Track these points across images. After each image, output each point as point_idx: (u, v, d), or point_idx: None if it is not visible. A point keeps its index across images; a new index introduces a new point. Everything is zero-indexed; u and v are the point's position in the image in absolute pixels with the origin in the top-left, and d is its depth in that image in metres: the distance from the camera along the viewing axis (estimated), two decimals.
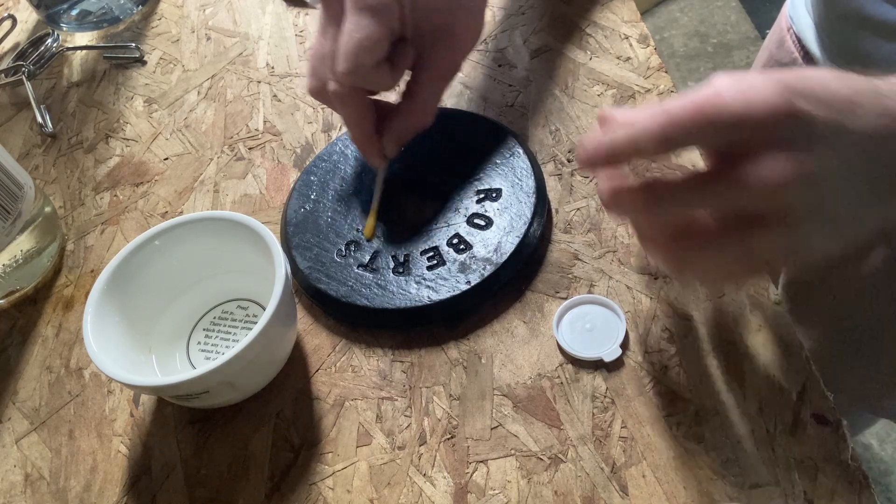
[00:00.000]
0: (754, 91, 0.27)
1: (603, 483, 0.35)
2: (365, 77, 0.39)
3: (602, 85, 0.51)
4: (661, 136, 0.28)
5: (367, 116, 0.42)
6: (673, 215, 0.31)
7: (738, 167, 0.28)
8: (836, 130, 0.28)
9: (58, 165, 0.56)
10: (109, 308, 0.39)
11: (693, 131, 0.28)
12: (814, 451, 0.34)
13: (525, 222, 0.42)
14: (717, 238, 0.30)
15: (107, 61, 0.63)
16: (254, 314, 0.43)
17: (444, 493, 0.36)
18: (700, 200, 0.30)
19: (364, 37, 0.38)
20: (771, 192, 0.28)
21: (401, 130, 0.43)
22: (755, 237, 0.29)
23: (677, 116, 0.28)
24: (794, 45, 0.60)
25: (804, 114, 0.27)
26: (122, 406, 0.42)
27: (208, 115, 0.56)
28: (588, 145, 0.31)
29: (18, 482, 0.40)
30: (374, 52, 0.38)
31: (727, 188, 0.29)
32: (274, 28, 0.62)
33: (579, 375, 0.38)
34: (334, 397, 0.40)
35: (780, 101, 0.27)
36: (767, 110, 0.27)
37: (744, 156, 0.28)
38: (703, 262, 0.31)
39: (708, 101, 0.27)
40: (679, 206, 0.30)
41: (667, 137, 0.28)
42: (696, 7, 1.97)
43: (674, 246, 0.31)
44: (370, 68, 0.39)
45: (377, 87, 0.41)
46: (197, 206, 0.51)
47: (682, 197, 0.30)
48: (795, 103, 0.27)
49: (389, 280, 0.42)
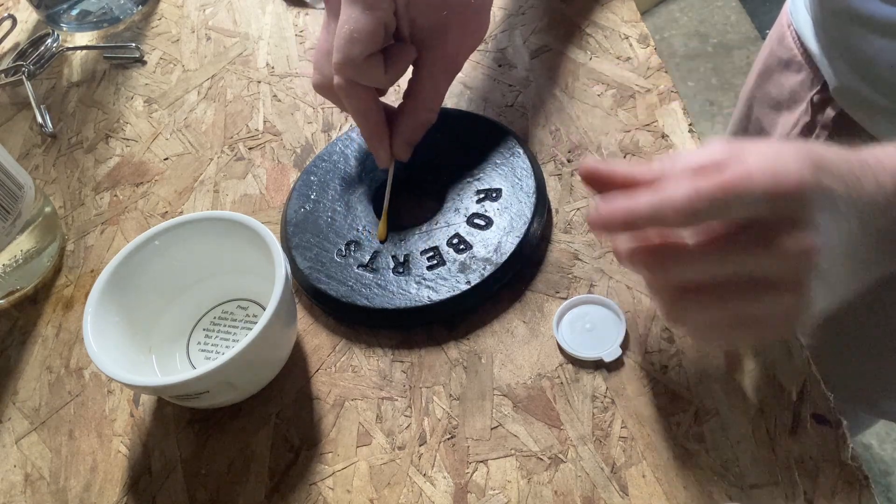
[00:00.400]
0: (783, 168, 0.28)
1: (603, 483, 0.35)
2: (357, 69, 0.39)
3: (602, 85, 0.51)
4: (688, 210, 0.28)
5: (372, 108, 0.42)
6: (688, 276, 0.31)
7: (760, 237, 0.28)
8: (852, 203, 0.29)
9: (58, 165, 0.56)
10: (109, 308, 0.39)
11: (721, 206, 0.28)
12: (814, 451, 0.34)
13: (525, 222, 0.42)
14: (724, 296, 0.30)
15: (107, 61, 0.63)
16: (254, 314, 0.43)
17: (444, 493, 0.36)
18: (720, 267, 0.30)
19: (354, 28, 0.38)
20: (793, 261, 0.28)
21: (408, 130, 0.43)
22: (763, 299, 0.30)
23: (706, 191, 0.28)
24: (794, 41, 0.60)
25: (828, 189, 0.28)
26: (122, 406, 0.42)
27: (208, 115, 0.56)
28: (604, 211, 0.30)
29: (18, 482, 0.40)
30: (364, 43, 0.38)
31: (749, 256, 0.29)
32: (274, 28, 0.62)
33: (579, 375, 0.38)
34: (334, 397, 0.40)
35: (810, 177, 0.28)
36: (796, 186, 0.28)
37: (765, 225, 0.28)
38: (704, 315, 0.31)
39: (738, 177, 0.28)
40: (697, 270, 0.30)
41: (694, 211, 0.28)
42: (696, 7, 1.97)
43: (678, 297, 0.31)
44: (361, 60, 0.39)
45: (371, 82, 0.41)
46: (197, 206, 0.51)
47: (701, 261, 0.30)
48: (822, 179, 0.28)
49: (389, 280, 0.42)
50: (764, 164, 0.28)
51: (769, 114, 0.65)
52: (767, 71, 0.65)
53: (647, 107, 0.49)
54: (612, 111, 0.49)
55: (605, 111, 0.50)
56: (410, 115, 0.43)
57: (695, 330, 0.33)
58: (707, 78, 1.82)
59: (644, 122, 0.48)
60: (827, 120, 0.57)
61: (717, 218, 0.29)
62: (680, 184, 0.29)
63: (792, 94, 0.61)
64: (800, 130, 0.60)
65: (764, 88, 0.66)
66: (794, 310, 0.30)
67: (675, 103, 0.49)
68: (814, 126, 0.59)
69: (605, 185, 0.32)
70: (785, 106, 0.62)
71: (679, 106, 0.49)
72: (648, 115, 0.49)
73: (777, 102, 0.63)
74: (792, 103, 0.61)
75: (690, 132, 0.47)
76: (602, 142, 0.48)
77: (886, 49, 0.47)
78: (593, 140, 0.48)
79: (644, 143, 0.47)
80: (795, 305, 0.30)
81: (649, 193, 0.29)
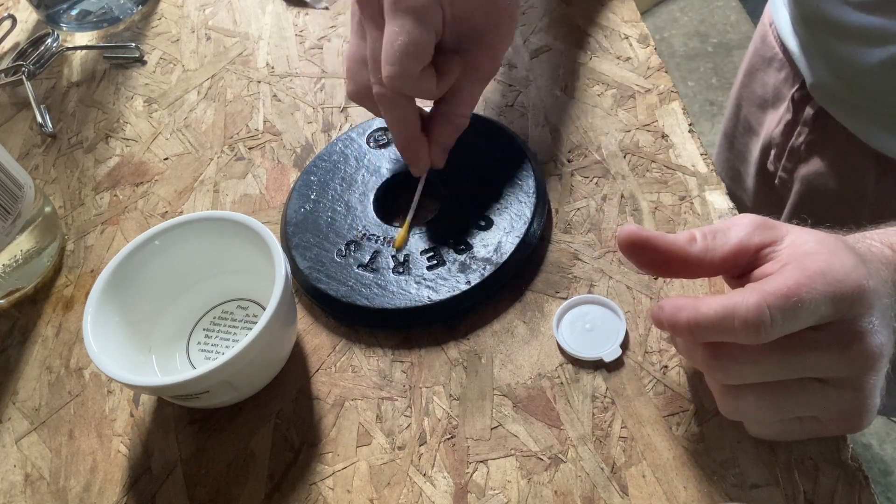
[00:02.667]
0: (842, 269, 0.28)
1: (603, 483, 0.35)
2: (411, 83, 0.38)
3: (602, 85, 0.51)
4: (757, 326, 0.28)
5: (413, 119, 0.41)
6: (745, 376, 0.31)
7: (820, 341, 0.29)
8: (884, 295, 0.30)
9: (58, 165, 0.56)
10: (109, 308, 0.39)
11: (790, 317, 0.28)
12: (814, 451, 0.34)
13: (525, 222, 0.42)
14: (781, 394, 0.30)
15: (107, 61, 0.63)
16: (254, 314, 0.43)
17: (444, 493, 0.36)
18: (780, 369, 0.30)
19: (409, 41, 0.37)
20: (854, 362, 0.29)
21: (444, 136, 0.43)
22: (820, 398, 0.30)
23: (775, 303, 0.28)
24: (776, 39, 0.61)
25: (874, 290, 0.29)
26: (122, 406, 0.42)
27: (208, 115, 0.56)
28: (667, 315, 0.30)
29: (18, 482, 0.40)
30: (420, 56, 0.37)
31: (809, 360, 0.29)
32: (274, 28, 0.62)
33: (579, 375, 0.38)
34: (334, 397, 0.40)
35: (866, 278, 0.28)
36: (857, 287, 0.28)
37: (824, 329, 0.29)
38: (760, 413, 0.31)
39: (801, 284, 0.28)
40: (756, 372, 0.30)
41: (764, 326, 0.28)
42: (696, 7, 1.97)
43: (735, 394, 0.31)
44: (416, 74, 0.38)
45: (421, 94, 0.40)
46: (197, 206, 0.51)
47: (761, 363, 0.30)
48: (873, 282, 0.29)
49: (389, 280, 0.42)
50: (824, 267, 0.28)
51: (756, 112, 0.65)
52: (753, 69, 0.65)
53: (647, 107, 0.49)
54: (612, 111, 0.49)
55: (605, 111, 0.50)
56: (446, 121, 0.42)
57: (751, 424, 0.33)
58: (707, 78, 1.82)
59: (644, 122, 0.48)
60: (808, 118, 0.57)
61: (787, 331, 0.28)
62: (747, 296, 0.28)
63: (776, 92, 0.62)
64: (783, 128, 0.61)
65: (750, 87, 0.66)
66: (855, 409, 0.30)
67: (675, 103, 0.49)
68: (796, 124, 0.59)
69: (642, 253, 0.32)
70: (770, 104, 0.63)
71: (679, 106, 0.49)
72: (648, 115, 0.49)
73: (763, 101, 0.64)
74: (776, 101, 0.62)
75: (690, 132, 0.47)
76: (602, 142, 0.48)
77: (858, 53, 0.48)
78: (593, 140, 0.48)
79: (644, 143, 0.47)
80: (856, 404, 0.30)
81: (716, 304, 0.29)
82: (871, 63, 0.47)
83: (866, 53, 0.47)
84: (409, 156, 0.43)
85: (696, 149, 0.46)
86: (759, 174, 0.67)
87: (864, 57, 0.47)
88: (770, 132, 0.63)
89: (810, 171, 0.59)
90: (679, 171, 0.45)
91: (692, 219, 0.43)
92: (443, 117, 0.42)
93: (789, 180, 0.62)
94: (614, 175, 0.46)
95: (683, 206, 0.44)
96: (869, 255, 0.31)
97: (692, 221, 0.43)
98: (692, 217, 0.43)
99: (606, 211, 0.44)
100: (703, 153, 0.46)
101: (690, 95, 1.78)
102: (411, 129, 0.42)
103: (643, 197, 0.45)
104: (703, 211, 0.43)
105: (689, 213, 0.43)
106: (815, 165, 0.58)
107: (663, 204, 0.44)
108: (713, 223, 0.42)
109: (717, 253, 0.31)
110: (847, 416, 0.30)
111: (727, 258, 0.31)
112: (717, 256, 0.31)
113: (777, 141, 0.62)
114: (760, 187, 0.68)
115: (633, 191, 0.45)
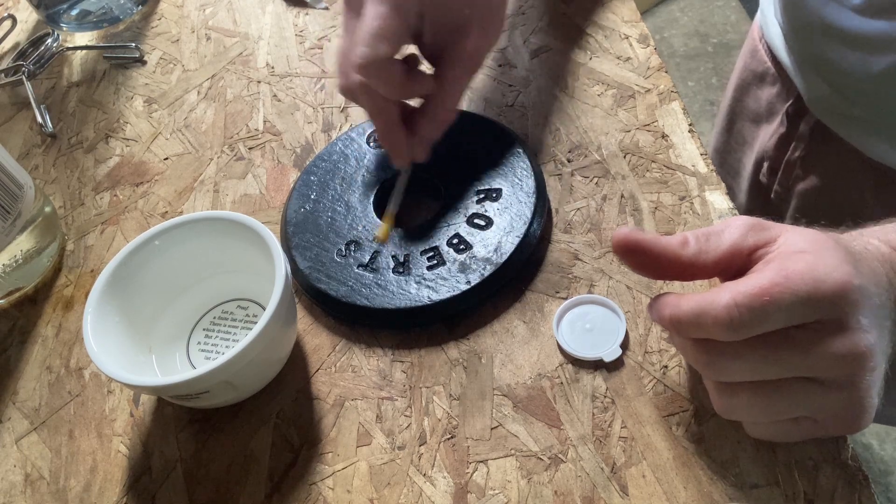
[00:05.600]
0: (824, 271, 0.28)
1: (603, 483, 0.35)
2: (379, 68, 0.38)
3: (602, 85, 0.51)
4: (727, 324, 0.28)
5: (391, 109, 0.41)
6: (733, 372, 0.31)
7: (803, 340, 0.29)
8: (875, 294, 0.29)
9: (58, 165, 0.56)
10: (109, 308, 0.39)
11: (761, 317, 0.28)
12: (814, 451, 0.34)
13: (525, 222, 0.42)
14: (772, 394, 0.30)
15: (107, 61, 0.63)
16: (254, 314, 0.43)
17: (444, 493, 0.36)
18: (763, 367, 0.30)
19: (381, 24, 0.37)
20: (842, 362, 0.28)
21: (427, 129, 0.43)
22: (813, 399, 0.30)
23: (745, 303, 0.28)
24: (766, 54, 0.60)
25: (865, 288, 0.29)
26: (122, 406, 0.42)
27: (208, 115, 0.56)
28: (653, 312, 0.32)
29: (18, 482, 0.40)
30: (390, 40, 0.38)
31: (792, 358, 0.29)
32: (274, 28, 0.62)
33: (579, 375, 0.38)
34: (334, 397, 0.40)
35: (852, 278, 0.28)
36: (838, 289, 0.28)
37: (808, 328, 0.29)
38: (753, 412, 0.31)
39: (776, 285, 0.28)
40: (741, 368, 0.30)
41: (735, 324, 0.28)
42: (696, 7, 1.97)
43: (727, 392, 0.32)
44: (385, 59, 0.38)
45: (388, 86, 0.40)
46: (197, 206, 0.51)
47: (744, 359, 0.30)
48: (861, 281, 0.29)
49: (389, 280, 0.42)
50: (803, 268, 0.28)
51: (749, 126, 0.65)
52: (744, 85, 0.65)
53: (647, 107, 0.49)
54: (612, 111, 0.49)
55: (605, 111, 0.50)
56: (430, 115, 0.42)
57: (749, 424, 0.33)
58: (707, 78, 1.82)
59: (644, 122, 0.48)
60: (803, 131, 0.57)
61: (759, 330, 0.28)
62: (720, 294, 0.29)
63: (769, 107, 0.62)
64: (776, 141, 0.60)
65: (743, 102, 0.66)
66: (851, 409, 0.30)
67: (675, 103, 0.49)
68: (790, 137, 0.59)
69: (636, 257, 0.32)
70: (764, 118, 0.63)
71: (679, 106, 0.49)
72: (648, 115, 0.49)
73: (757, 115, 0.64)
74: (770, 115, 0.62)
75: (690, 132, 0.47)
76: (602, 142, 0.48)
77: (858, 61, 0.47)
78: (593, 140, 0.48)
79: (644, 142, 0.47)
80: (851, 405, 0.29)
81: (692, 302, 0.30)
82: (875, 71, 0.46)
83: (869, 62, 0.47)
84: (388, 146, 0.43)
85: (696, 149, 0.46)
86: (752, 189, 0.67)
87: (867, 65, 0.47)
88: (763, 145, 0.63)
89: (807, 186, 0.59)
90: (679, 171, 0.45)
91: (692, 219, 0.43)
92: (427, 111, 0.43)
93: (786, 195, 0.62)
94: (614, 175, 0.46)
95: (683, 206, 0.44)
96: (865, 252, 0.31)
97: (692, 221, 0.43)
98: (692, 217, 0.43)
99: (606, 211, 0.44)
100: (703, 153, 0.46)
101: (690, 95, 1.78)
102: (387, 120, 0.42)
103: (643, 197, 0.45)
104: (703, 211, 0.43)
105: (690, 214, 0.43)
106: (811, 181, 0.58)
107: (663, 204, 0.44)
108: (713, 223, 0.42)
109: (710, 256, 0.31)
110: (843, 417, 0.30)
111: (720, 261, 0.31)
112: (711, 259, 0.31)
113: (770, 154, 0.62)
114: (753, 202, 0.68)
115: (633, 191, 0.45)
